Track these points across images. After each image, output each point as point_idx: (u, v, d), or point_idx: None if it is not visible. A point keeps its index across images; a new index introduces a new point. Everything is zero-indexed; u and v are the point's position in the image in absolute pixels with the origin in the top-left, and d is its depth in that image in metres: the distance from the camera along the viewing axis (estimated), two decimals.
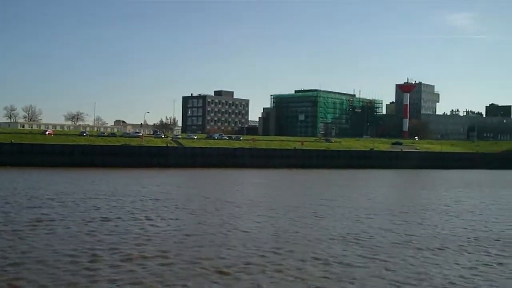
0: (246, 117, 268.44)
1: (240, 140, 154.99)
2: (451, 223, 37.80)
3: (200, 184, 74.23)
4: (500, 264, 24.94)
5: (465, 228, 35.26)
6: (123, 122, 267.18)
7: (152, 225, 34.26)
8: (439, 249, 28.09)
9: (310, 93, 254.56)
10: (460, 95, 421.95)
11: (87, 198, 48.67)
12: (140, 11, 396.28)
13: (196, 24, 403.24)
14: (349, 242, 29.41)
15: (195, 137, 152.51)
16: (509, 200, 56.32)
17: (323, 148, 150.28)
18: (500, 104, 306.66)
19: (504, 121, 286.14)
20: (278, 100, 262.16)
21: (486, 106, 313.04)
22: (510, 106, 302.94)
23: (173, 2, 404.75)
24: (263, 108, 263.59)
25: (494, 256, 26.57)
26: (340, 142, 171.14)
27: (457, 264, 24.77)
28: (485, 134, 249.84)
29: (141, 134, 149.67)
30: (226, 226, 34.07)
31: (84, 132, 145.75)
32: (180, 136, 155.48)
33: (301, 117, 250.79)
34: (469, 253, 27.33)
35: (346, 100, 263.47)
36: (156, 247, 27.13)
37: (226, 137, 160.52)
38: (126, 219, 36.32)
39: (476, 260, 25.56)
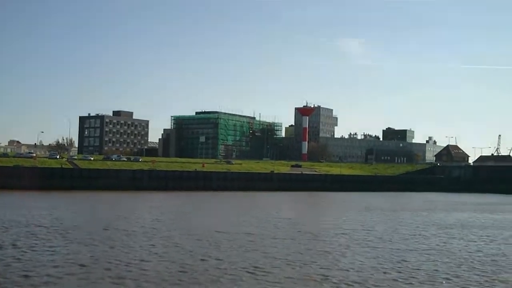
0: (146, 138, 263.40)
1: (139, 161, 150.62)
2: (364, 252, 36.09)
3: (93, 208, 70.36)
4: None
5: (378, 258, 33.59)
6: (18, 142, 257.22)
7: (19, 259, 30.65)
8: (357, 283, 26.20)
9: (211, 115, 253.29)
10: (358, 119, 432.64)
11: None
12: (36, 28, 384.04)
13: (93, 42, 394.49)
14: (252, 277, 26.99)
15: (92, 158, 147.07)
16: (415, 225, 55.64)
17: (224, 170, 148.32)
18: (396, 128, 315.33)
19: (401, 144, 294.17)
20: (179, 121, 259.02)
21: (383, 130, 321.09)
22: (405, 130, 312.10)
23: (73, 19, 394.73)
24: (163, 129, 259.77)
25: None
26: (241, 164, 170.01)
27: None
28: (382, 157, 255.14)
29: (34, 154, 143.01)
30: (113, 259, 30.78)
31: None
32: (76, 157, 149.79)
33: (202, 138, 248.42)
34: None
35: (246, 122, 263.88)
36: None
37: (124, 159, 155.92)
38: None
39: None
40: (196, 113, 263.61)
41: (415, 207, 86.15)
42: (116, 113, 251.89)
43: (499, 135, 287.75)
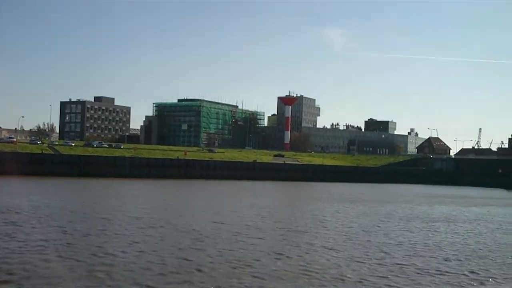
0: (127, 125, 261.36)
1: (121, 148, 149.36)
2: (348, 246, 35.41)
3: (72, 195, 69.18)
4: None
5: (362, 252, 32.88)
6: None
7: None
8: (339, 279, 25.58)
9: (194, 103, 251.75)
10: (340, 109, 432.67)
11: None
12: (16, 11, 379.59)
13: (74, 27, 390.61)
14: (234, 272, 26.05)
15: (73, 144, 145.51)
16: (398, 217, 55.23)
17: (206, 159, 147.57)
18: (378, 119, 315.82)
19: (383, 135, 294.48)
20: (161, 109, 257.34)
21: (365, 121, 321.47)
22: (387, 122, 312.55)
23: (55, 5, 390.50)
24: (145, 116, 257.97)
25: None
26: (223, 152, 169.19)
27: None
28: (364, 148, 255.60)
29: (14, 139, 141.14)
30: (88, 249, 29.70)
31: None
32: (57, 143, 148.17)
33: (184, 126, 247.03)
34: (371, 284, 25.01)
35: (229, 111, 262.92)
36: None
37: (105, 145, 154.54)
38: None
39: None
40: (179, 100, 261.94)
41: (398, 199, 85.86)
42: (98, 99, 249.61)
43: (480, 129, 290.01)
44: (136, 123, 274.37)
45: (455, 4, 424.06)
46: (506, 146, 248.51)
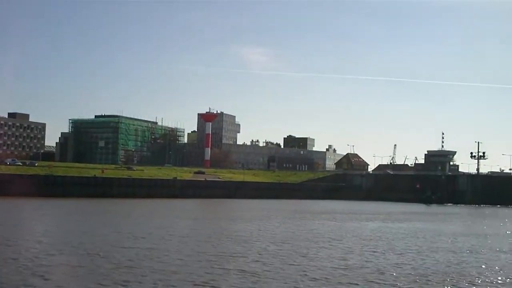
0: (42, 142, 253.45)
1: (35, 166, 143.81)
2: (279, 269, 33.50)
3: None
4: None
5: (298, 279, 31.30)
6: None
7: None
8: None
9: (111, 119, 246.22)
10: (260, 126, 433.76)
11: None
12: None
13: None
14: None
15: None
16: (327, 236, 53.96)
17: (125, 177, 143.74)
18: (297, 136, 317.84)
19: (302, 152, 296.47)
20: (77, 125, 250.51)
21: (284, 138, 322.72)
22: (306, 138, 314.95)
23: None
24: (61, 133, 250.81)
25: None
26: (143, 170, 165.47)
27: None
28: (284, 165, 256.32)
29: None
30: None
31: None
32: None
33: (101, 143, 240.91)
34: None
35: (148, 127, 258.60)
36: None
37: (19, 163, 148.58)
38: None
39: None
40: (96, 116, 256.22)
41: (323, 216, 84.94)
42: (12, 115, 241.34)
43: (395, 145, 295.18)
44: (51, 140, 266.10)
45: (373, 22, 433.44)
46: (421, 161, 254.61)
